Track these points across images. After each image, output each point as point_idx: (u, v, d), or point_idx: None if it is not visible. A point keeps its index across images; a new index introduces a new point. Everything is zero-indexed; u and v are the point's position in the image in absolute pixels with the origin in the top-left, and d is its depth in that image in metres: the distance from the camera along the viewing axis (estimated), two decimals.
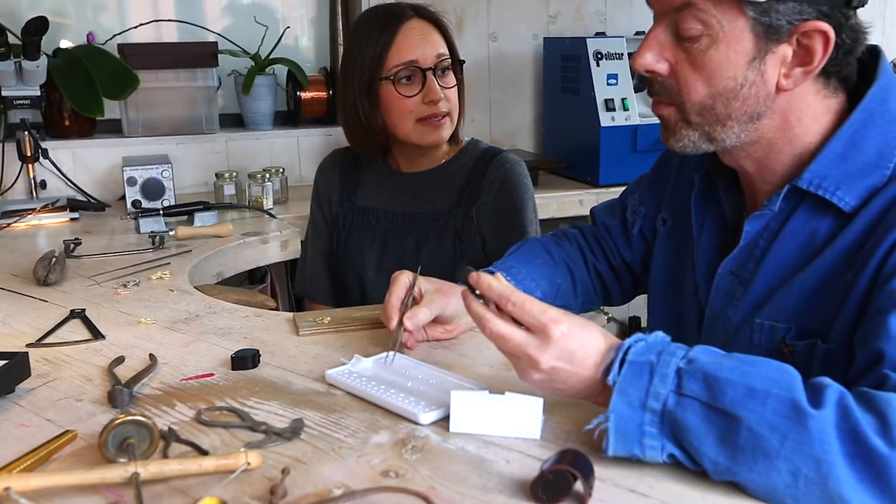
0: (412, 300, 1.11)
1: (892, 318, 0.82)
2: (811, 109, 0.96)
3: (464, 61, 1.57)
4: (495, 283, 0.87)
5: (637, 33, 2.59)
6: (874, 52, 0.99)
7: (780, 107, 0.95)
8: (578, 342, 0.83)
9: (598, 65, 2.35)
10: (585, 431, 0.82)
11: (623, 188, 2.35)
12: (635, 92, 2.41)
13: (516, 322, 0.85)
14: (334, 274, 1.66)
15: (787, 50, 0.92)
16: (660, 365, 0.79)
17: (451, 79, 1.53)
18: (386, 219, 1.60)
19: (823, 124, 0.97)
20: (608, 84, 2.36)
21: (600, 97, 2.34)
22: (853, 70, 0.97)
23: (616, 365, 0.80)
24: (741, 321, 1.02)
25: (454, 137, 1.59)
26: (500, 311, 0.86)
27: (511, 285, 0.88)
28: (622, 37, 2.43)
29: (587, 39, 2.38)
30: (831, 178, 0.94)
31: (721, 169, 1.08)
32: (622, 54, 2.38)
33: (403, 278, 1.13)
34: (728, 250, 1.06)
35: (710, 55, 0.93)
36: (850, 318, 0.90)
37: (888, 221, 0.89)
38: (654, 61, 0.96)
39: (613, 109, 2.34)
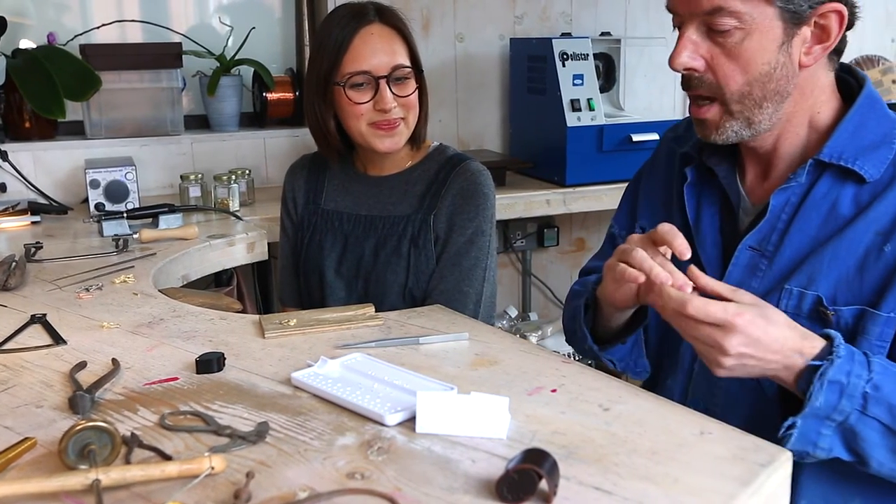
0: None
1: None
2: (820, 81, 1.08)
3: (422, 71, 1.53)
4: (674, 292, 0.95)
5: (602, 34, 2.61)
6: (850, 69, 1.13)
7: (800, 83, 1.06)
8: (762, 331, 0.93)
9: (563, 65, 2.36)
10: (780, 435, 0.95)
11: (588, 187, 2.38)
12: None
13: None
14: (299, 276, 1.66)
15: (807, 31, 1.03)
16: (849, 386, 0.93)
17: (407, 86, 1.50)
18: (348, 221, 1.59)
19: (829, 95, 1.10)
20: (574, 84, 2.37)
21: (566, 97, 2.35)
22: (845, 43, 1.08)
23: (816, 383, 0.93)
24: (767, 290, 1.09)
25: (416, 141, 1.57)
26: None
27: (687, 293, 0.95)
28: (588, 37, 2.45)
29: (553, 40, 2.39)
30: (848, 151, 1.05)
31: (716, 160, 1.18)
32: (588, 55, 2.40)
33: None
34: (732, 230, 1.15)
35: (745, 46, 1.01)
36: None
37: None
38: (690, 59, 1.04)
39: (579, 110, 2.36)
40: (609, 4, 2.81)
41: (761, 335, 0.93)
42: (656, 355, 1.25)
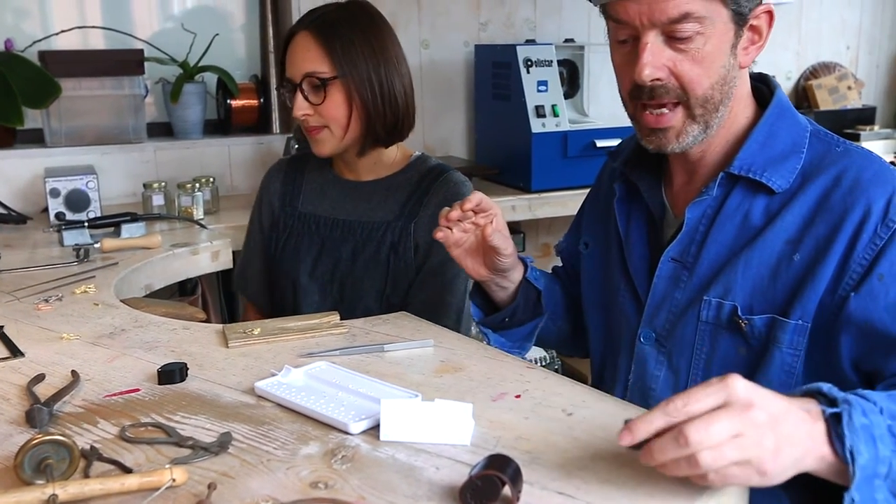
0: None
1: None
2: (745, 87, 1.10)
3: (334, 78, 1.46)
4: (654, 418, 0.75)
5: (566, 41, 2.63)
6: (763, 78, 1.15)
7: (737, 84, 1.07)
8: (758, 390, 0.75)
9: (528, 72, 2.38)
10: None
11: (553, 192, 2.40)
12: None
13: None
14: (271, 278, 1.64)
15: (746, 32, 1.05)
16: (874, 427, 0.77)
17: (318, 96, 1.48)
18: (325, 225, 1.58)
19: (747, 102, 1.11)
20: (538, 91, 2.38)
21: (531, 104, 2.37)
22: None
23: (846, 432, 0.75)
24: (688, 301, 1.10)
25: (364, 147, 1.54)
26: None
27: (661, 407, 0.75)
28: (551, 44, 2.46)
29: (517, 47, 2.40)
30: (757, 163, 1.06)
31: (638, 174, 1.18)
32: (552, 61, 2.41)
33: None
34: (658, 242, 1.16)
35: (707, 50, 1.02)
36: (819, 297, 1.00)
37: (831, 208, 1.01)
38: (656, 70, 1.02)
39: (544, 116, 2.37)
40: (572, 11, 2.83)
41: (763, 395, 0.74)
42: (599, 370, 1.27)
